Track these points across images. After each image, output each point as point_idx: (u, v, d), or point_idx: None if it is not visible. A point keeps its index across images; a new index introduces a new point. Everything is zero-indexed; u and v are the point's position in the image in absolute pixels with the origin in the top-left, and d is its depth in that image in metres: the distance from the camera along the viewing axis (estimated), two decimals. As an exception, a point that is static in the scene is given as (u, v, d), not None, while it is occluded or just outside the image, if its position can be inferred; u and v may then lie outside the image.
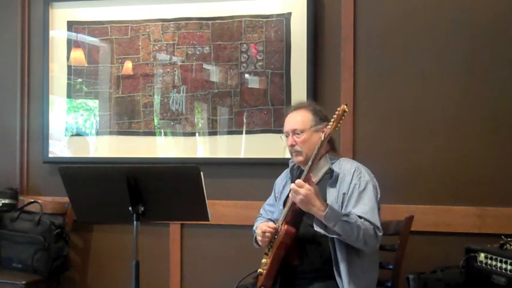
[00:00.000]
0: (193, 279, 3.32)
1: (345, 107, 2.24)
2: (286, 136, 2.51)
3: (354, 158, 2.92)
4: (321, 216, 2.23)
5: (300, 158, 2.46)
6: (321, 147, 2.30)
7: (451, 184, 2.98)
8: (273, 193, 2.75)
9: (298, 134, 2.46)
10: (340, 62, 3.11)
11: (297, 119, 2.49)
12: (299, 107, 2.56)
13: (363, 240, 2.25)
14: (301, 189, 2.24)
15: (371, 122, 3.07)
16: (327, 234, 2.27)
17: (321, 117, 2.49)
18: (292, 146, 2.47)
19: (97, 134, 3.47)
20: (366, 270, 2.38)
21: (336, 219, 2.22)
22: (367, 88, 3.09)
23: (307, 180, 2.28)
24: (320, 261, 2.38)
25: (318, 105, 2.62)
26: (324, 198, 2.31)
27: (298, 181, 2.27)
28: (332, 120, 2.27)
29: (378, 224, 2.32)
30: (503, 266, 2.40)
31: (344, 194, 2.37)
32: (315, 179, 2.38)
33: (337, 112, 2.25)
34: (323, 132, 2.37)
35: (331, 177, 2.41)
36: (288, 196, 2.51)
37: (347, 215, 2.26)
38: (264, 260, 2.45)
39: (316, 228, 2.29)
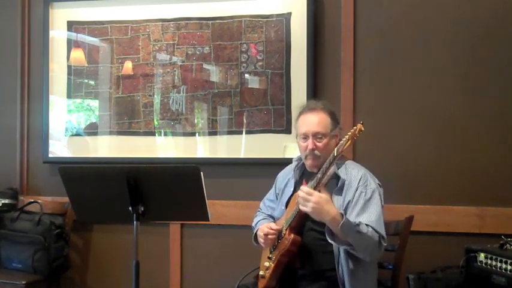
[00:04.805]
0: (193, 279, 3.32)
1: (361, 126, 2.13)
2: (304, 138, 2.41)
3: (353, 158, 2.92)
4: (336, 226, 2.13)
5: (316, 163, 2.37)
6: (333, 162, 2.19)
7: (451, 184, 2.98)
8: (273, 188, 2.72)
9: (320, 138, 2.37)
10: (340, 62, 3.10)
11: (317, 121, 2.39)
12: (315, 107, 2.45)
13: (369, 250, 2.22)
14: (312, 197, 2.12)
15: (371, 122, 3.04)
16: (336, 244, 2.22)
17: (336, 121, 2.45)
18: (312, 149, 2.36)
19: (97, 134, 3.47)
20: (368, 273, 2.37)
21: (351, 230, 2.15)
22: (367, 88, 3.09)
23: (318, 187, 2.18)
24: (322, 265, 2.36)
25: (330, 105, 2.54)
26: None
27: (306, 189, 2.15)
28: (346, 137, 2.15)
29: (384, 234, 2.26)
30: (503, 266, 2.40)
31: (349, 201, 2.31)
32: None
33: (352, 130, 2.14)
34: (337, 137, 2.34)
35: (337, 184, 2.36)
36: (291, 197, 2.50)
37: (358, 224, 2.20)
38: (266, 264, 2.44)
39: (329, 239, 2.20)
